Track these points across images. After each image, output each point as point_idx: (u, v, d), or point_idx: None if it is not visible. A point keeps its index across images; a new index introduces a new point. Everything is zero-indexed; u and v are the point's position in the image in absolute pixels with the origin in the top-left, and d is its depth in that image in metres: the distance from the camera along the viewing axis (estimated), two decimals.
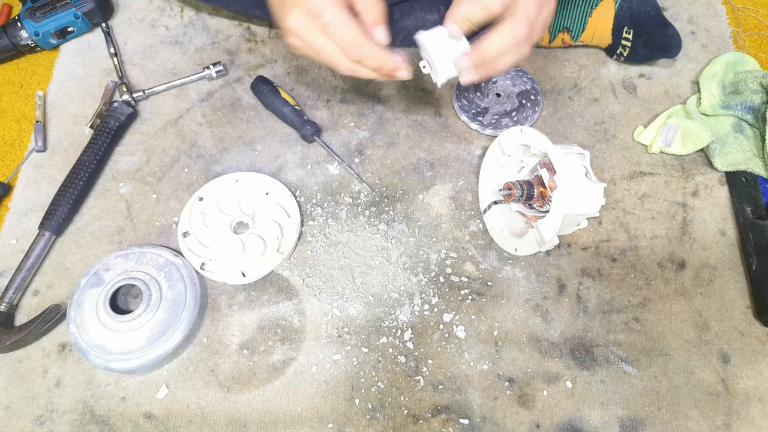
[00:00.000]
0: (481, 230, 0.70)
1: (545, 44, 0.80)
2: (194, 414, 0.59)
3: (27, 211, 0.69)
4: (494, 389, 0.61)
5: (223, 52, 0.81)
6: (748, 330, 0.64)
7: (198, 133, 0.75)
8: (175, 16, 0.84)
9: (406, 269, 0.67)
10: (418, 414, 0.59)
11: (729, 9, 0.88)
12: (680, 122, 0.74)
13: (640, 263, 0.68)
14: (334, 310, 0.64)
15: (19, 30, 0.77)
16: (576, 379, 0.62)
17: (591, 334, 0.64)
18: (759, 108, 0.73)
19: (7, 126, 0.76)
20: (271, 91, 0.74)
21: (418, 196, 0.71)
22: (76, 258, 0.67)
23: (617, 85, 0.80)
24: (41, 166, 0.72)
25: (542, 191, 0.64)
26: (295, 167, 0.73)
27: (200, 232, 0.66)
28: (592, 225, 0.70)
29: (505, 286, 0.66)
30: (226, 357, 0.62)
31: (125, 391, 0.60)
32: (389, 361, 0.62)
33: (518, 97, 0.77)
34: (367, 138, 0.75)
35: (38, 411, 0.59)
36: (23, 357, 0.61)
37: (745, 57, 0.78)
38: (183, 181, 0.71)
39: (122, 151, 0.74)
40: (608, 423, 0.60)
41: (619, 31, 0.77)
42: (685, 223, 0.71)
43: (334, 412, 0.59)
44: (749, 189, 0.71)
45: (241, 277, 0.64)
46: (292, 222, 0.67)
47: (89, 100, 0.77)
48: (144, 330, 0.59)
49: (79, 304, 0.60)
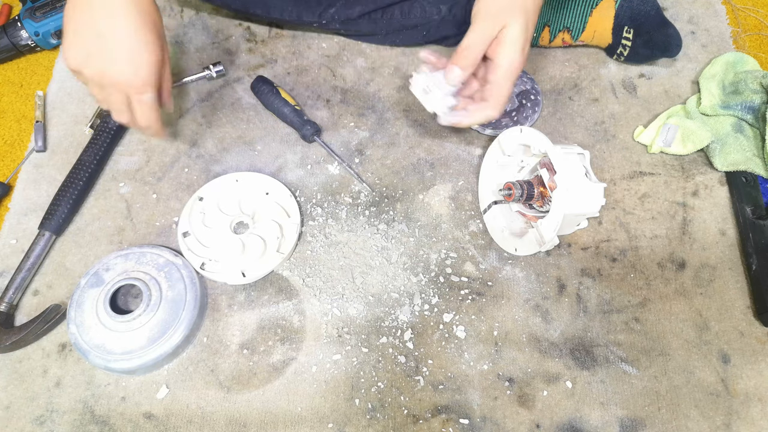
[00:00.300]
0: (481, 230, 0.70)
1: (545, 44, 0.80)
2: (194, 414, 0.59)
3: (27, 211, 0.69)
4: (494, 389, 0.61)
5: (223, 52, 0.81)
6: (748, 330, 0.64)
7: (198, 133, 0.75)
8: (175, 16, 0.84)
9: (406, 269, 0.67)
10: (418, 414, 0.59)
11: (729, 9, 0.88)
12: (680, 122, 0.74)
13: (640, 263, 0.68)
14: (334, 310, 0.64)
15: (19, 30, 0.77)
16: (576, 379, 0.62)
17: (591, 334, 0.64)
18: (759, 108, 0.73)
19: (7, 126, 0.77)
20: (271, 91, 0.74)
21: (418, 196, 0.71)
22: (76, 258, 0.67)
23: (617, 85, 0.80)
24: (41, 166, 0.72)
25: (542, 191, 0.64)
26: (295, 167, 0.73)
27: (200, 232, 0.66)
28: (592, 225, 0.70)
29: (505, 286, 0.66)
30: (226, 357, 0.62)
31: (125, 391, 0.60)
32: (389, 361, 0.62)
33: (518, 97, 0.77)
34: (367, 138, 0.75)
35: (38, 411, 0.59)
36: (23, 357, 0.61)
37: (745, 57, 0.78)
38: (183, 181, 0.71)
39: (122, 151, 0.74)
40: (608, 423, 0.60)
41: (620, 31, 0.77)
42: (685, 223, 0.71)
43: (334, 412, 0.59)
44: (749, 189, 0.71)
45: (241, 277, 0.64)
46: (292, 222, 0.67)
47: (89, 100, 0.77)
48: (144, 330, 0.59)
49: (79, 304, 0.60)
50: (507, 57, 0.57)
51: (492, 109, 0.60)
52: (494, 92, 0.59)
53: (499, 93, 0.59)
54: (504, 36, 0.57)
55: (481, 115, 0.61)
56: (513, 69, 0.58)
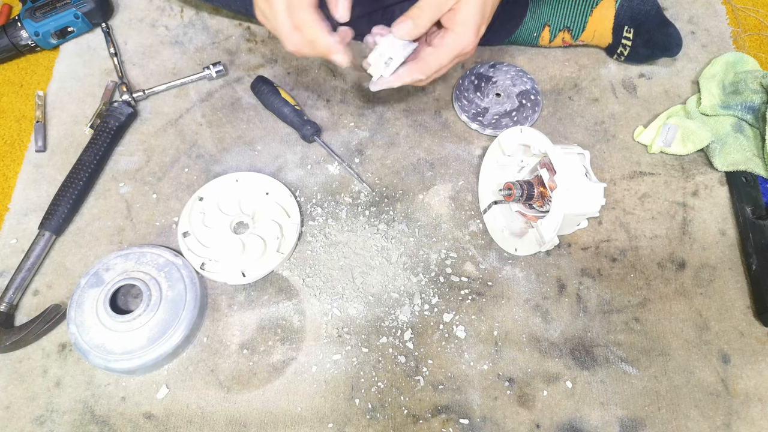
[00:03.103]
0: (481, 230, 0.70)
1: (545, 44, 0.80)
2: (194, 414, 0.59)
3: (27, 211, 0.69)
4: (494, 389, 0.61)
5: (223, 52, 0.81)
6: (748, 330, 0.64)
7: (198, 133, 0.75)
8: (175, 16, 0.84)
9: (406, 269, 0.67)
10: (418, 414, 0.59)
11: (729, 9, 0.88)
12: (680, 122, 0.74)
13: (640, 263, 0.68)
14: (334, 310, 0.64)
15: (19, 30, 0.77)
16: (576, 379, 0.62)
17: (591, 334, 0.64)
18: (759, 108, 0.73)
19: (7, 126, 0.77)
20: (271, 91, 0.74)
21: (418, 196, 0.71)
22: (76, 258, 0.67)
23: (617, 85, 0.80)
24: (41, 166, 0.72)
25: (542, 191, 0.64)
26: (295, 167, 0.73)
27: (200, 232, 0.66)
28: (592, 225, 0.70)
29: (505, 286, 0.66)
30: (226, 357, 0.62)
31: (125, 391, 0.60)
32: (389, 361, 0.62)
33: (518, 97, 0.77)
34: (367, 138, 0.75)
35: (38, 411, 0.59)
36: (23, 357, 0.61)
37: (745, 57, 0.78)
38: (183, 181, 0.71)
39: (122, 151, 0.74)
40: (608, 423, 0.60)
41: (620, 30, 0.77)
42: (685, 223, 0.71)
43: (334, 412, 0.59)
44: (749, 189, 0.71)
45: (241, 277, 0.64)
46: (292, 222, 0.67)
47: (89, 100, 0.77)
48: (144, 330, 0.59)
49: (79, 304, 0.60)
50: (456, 35, 0.55)
51: (420, 72, 0.57)
52: (429, 58, 0.57)
53: (434, 60, 0.56)
54: (459, 9, 0.54)
55: (408, 76, 0.58)
56: (457, 45, 0.56)
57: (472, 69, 0.79)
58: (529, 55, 0.82)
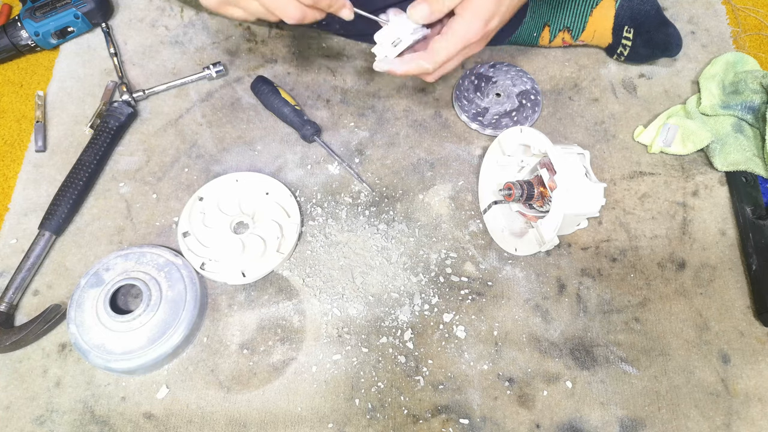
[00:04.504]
0: (481, 230, 0.70)
1: (545, 44, 0.80)
2: (194, 414, 0.59)
3: (27, 211, 0.69)
4: (494, 389, 0.61)
5: (223, 52, 0.81)
6: (748, 330, 0.64)
7: (198, 133, 0.75)
8: (175, 16, 0.84)
9: (406, 269, 0.67)
10: (418, 414, 0.59)
11: (729, 9, 0.88)
12: (680, 122, 0.74)
13: (640, 263, 0.68)
14: (334, 310, 0.64)
15: (19, 30, 0.77)
16: (576, 379, 0.62)
17: (591, 334, 0.64)
18: (759, 108, 0.73)
19: (7, 126, 0.76)
20: (271, 91, 0.74)
21: (418, 196, 0.71)
22: (76, 258, 0.67)
23: (617, 85, 0.80)
24: (41, 166, 0.72)
25: (542, 191, 0.64)
26: (295, 167, 0.73)
27: (200, 232, 0.66)
28: (592, 225, 0.70)
29: (505, 286, 0.66)
30: (226, 357, 0.62)
31: (125, 391, 0.60)
32: (389, 361, 0.62)
33: (518, 97, 0.77)
34: (367, 138, 0.75)
35: (38, 411, 0.59)
36: (23, 357, 0.61)
37: (745, 57, 0.78)
38: (183, 181, 0.71)
39: (122, 151, 0.74)
40: (608, 423, 0.60)
41: (620, 30, 0.77)
42: (685, 223, 0.71)
43: (334, 412, 0.59)
44: (749, 189, 0.71)
45: (241, 277, 0.64)
46: (292, 222, 0.67)
47: (89, 100, 0.77)
48: (144, 330, 0.59)
49: (79, 304, 0.60)
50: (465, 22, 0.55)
51: (427, 62, 0.56)
52: (437, 47, 0.56)
53: (442, 49, 0.56)
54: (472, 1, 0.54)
55: (414, 64, 0.57)
56: (466, 35, 0.55)
57: (472, 69, 0.79)
58: (529, 55, 0.82)
